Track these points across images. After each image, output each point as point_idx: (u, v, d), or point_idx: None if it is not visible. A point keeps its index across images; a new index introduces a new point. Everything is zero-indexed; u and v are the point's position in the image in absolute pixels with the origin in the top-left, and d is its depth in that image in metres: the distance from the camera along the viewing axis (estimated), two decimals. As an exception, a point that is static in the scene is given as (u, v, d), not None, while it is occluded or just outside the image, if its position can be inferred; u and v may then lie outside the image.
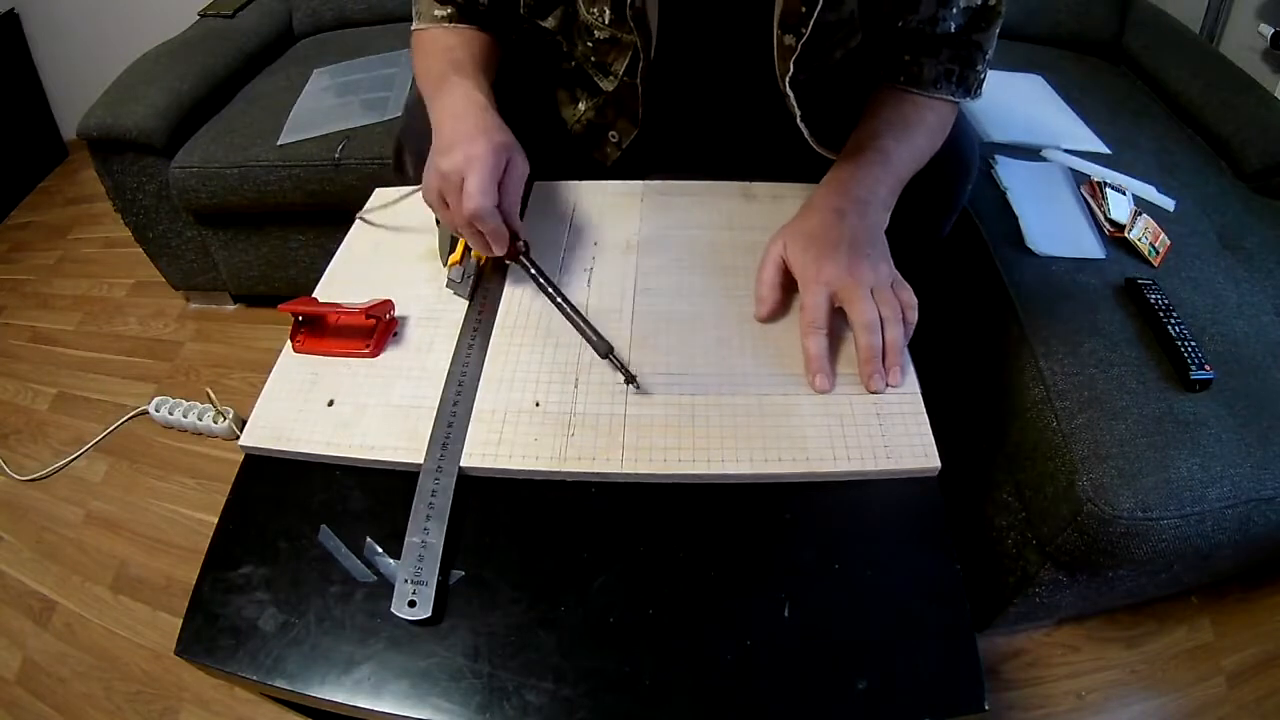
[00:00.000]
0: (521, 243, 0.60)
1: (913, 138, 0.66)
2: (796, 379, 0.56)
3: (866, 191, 0.62)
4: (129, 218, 1.46)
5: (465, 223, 0.57)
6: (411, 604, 0.45)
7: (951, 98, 0.68)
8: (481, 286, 0.65)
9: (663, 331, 0.60)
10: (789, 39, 0.63)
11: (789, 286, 0.61)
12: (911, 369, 0.57)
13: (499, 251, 0.59)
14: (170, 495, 1.29)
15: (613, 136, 0.78)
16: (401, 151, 0.83)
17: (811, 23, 0.60)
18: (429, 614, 0.45)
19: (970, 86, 0.68)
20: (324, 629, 0.46)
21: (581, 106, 0.79)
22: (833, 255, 0.58)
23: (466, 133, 0.57)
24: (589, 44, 0.71)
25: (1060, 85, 1.27)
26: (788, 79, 0.65)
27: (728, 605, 0.46)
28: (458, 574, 0.48)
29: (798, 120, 0.69)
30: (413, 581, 0.46)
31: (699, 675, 0.43)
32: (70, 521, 1.27)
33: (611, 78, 0.72)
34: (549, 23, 0.73)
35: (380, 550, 0.49)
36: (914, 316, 0.58)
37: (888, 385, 0.55)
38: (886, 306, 0.56)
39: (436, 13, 0.70)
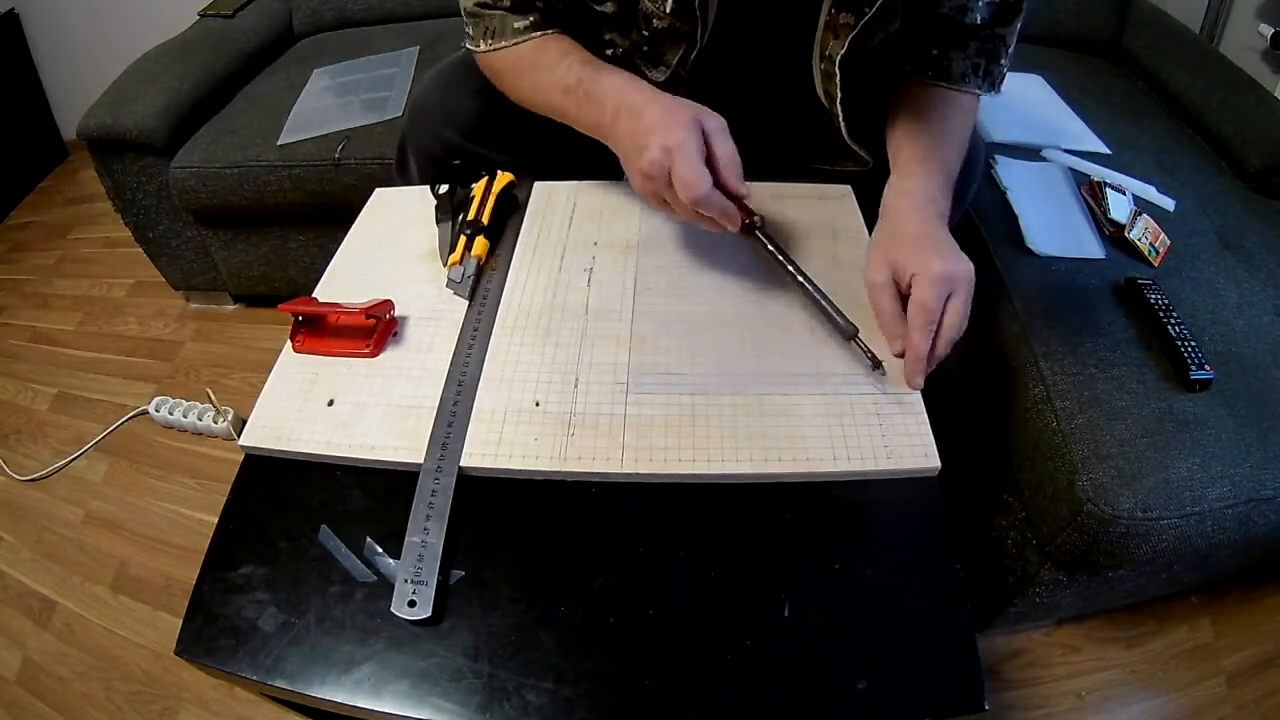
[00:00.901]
0: (757, 217, 0.59)
1: (963, 143, 0.68)
2: (796, 379, 0.56)
3: (941, 204, 0.62)
4: (129, 218, 1.46)
5: (692, 214, 0.56)
6: (411, 604, 0.45)
7: (978, 91, 0.69)
8: (481, 286, 0.65)
9: (662, 332, 0.60)
10: (845, 17, 0.62)
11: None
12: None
13: (733, 228, 0.58)
14: (170, 495, 1.29)
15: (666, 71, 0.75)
16: (405, 152, 0.83)
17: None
18: (429, 614, 0.45)
19: (995, 81, 0.69)
20: (324, 629, 0.46)
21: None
22: (946, 254, 0.57)
23: (655, 122, 0.56)
24: (644, 33, 0.69)
25: (1060, 85, 1.27)
26: (839, 58, 0.64)
27: (728, 605, 0.46)
28: (458, 574, 0.48)
29: (837, 104, 0.68)
30: (413, 581, 0.46)
31: (699, 675, 0.43)
32: (70, 521, 1.27)
33: (663, 68, 0.70)
34: (607, 7, 0.69)
35: (380, 550, 0.49)
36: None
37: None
38: (965, 322, 0.56)
39: (517, 24, 0.68)
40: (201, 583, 0.49)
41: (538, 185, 0.76)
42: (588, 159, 0.82)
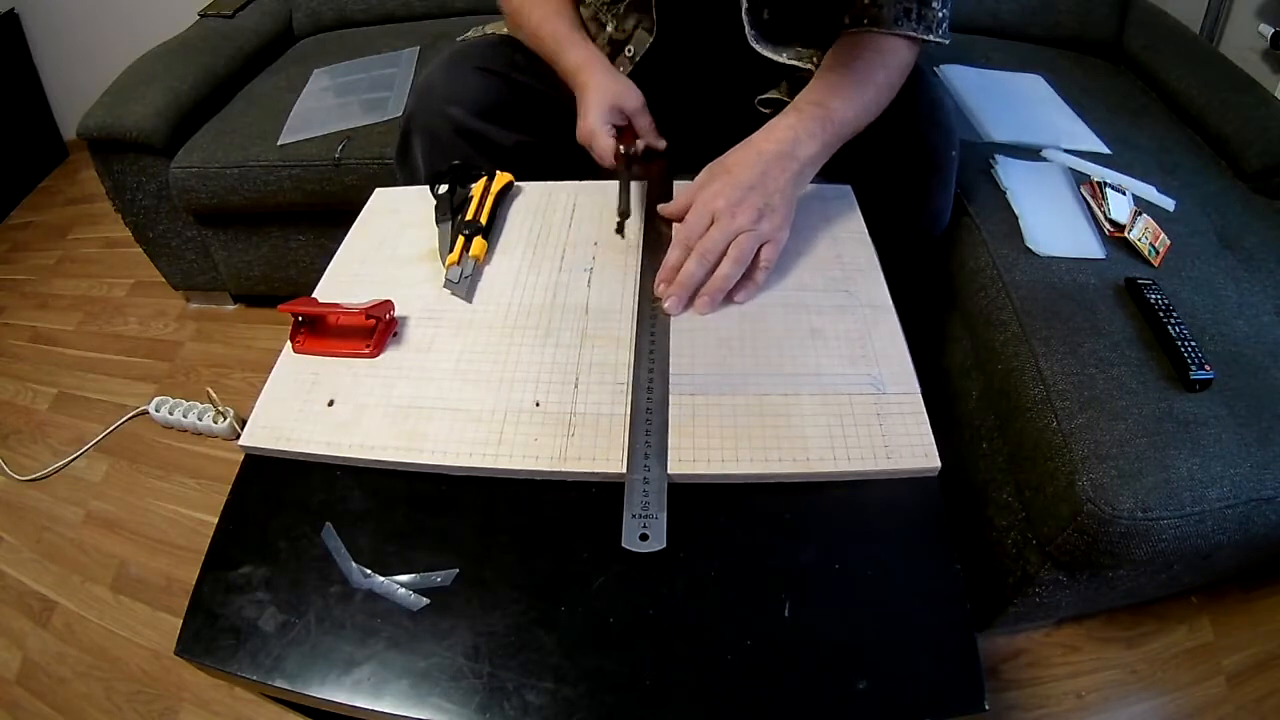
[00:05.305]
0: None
1: (860, 96, 0.70)
2: (796, 379, 0.56)
3: (796, 146, 0.65)
4: (129, 218, 1.46)
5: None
6: (644, 537, 0.47)
7: (914, 34, 0.70)
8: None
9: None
10: None
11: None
12: (911, 368, 0.57)
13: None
14: (170, 495, 1.29)
15: (629, 51, 0.82)
16: (409, 135, 0.83)
17: None
18: (663, 545, 0.47)
19: (931, 23, 0.70)
20: (324, 629, 0.46)
21: (609, 29, 0.84)
22: (730, 190, 0.62)
23: (588, 104, 0.73)
24: None
25: (1060, 85, 1.27)
26: None
27: (728, 605, 0.46)
28: (457, 574, 0.48)
29: (743, 13, 0.75)
30: (641, 515, 0.48)
31: (699, 675, 0.43)
32: (70, 521, 1.27)
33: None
34: None
35: (369, 572, 0.48)
36: (761, 278, 0.63)
37: (683, 310, 0.61)
38: (736, 250, 0.60)
39: None
40: (201, 583, 0.49)
41: (538, 185, 0.76)
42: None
